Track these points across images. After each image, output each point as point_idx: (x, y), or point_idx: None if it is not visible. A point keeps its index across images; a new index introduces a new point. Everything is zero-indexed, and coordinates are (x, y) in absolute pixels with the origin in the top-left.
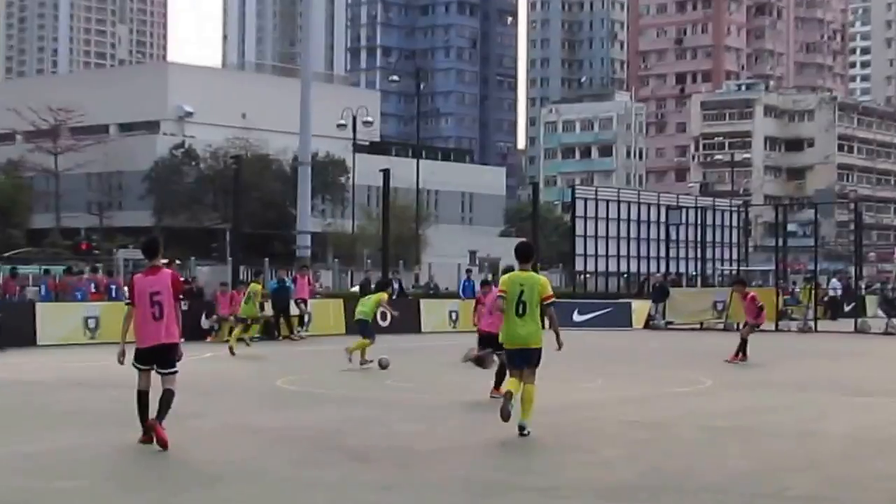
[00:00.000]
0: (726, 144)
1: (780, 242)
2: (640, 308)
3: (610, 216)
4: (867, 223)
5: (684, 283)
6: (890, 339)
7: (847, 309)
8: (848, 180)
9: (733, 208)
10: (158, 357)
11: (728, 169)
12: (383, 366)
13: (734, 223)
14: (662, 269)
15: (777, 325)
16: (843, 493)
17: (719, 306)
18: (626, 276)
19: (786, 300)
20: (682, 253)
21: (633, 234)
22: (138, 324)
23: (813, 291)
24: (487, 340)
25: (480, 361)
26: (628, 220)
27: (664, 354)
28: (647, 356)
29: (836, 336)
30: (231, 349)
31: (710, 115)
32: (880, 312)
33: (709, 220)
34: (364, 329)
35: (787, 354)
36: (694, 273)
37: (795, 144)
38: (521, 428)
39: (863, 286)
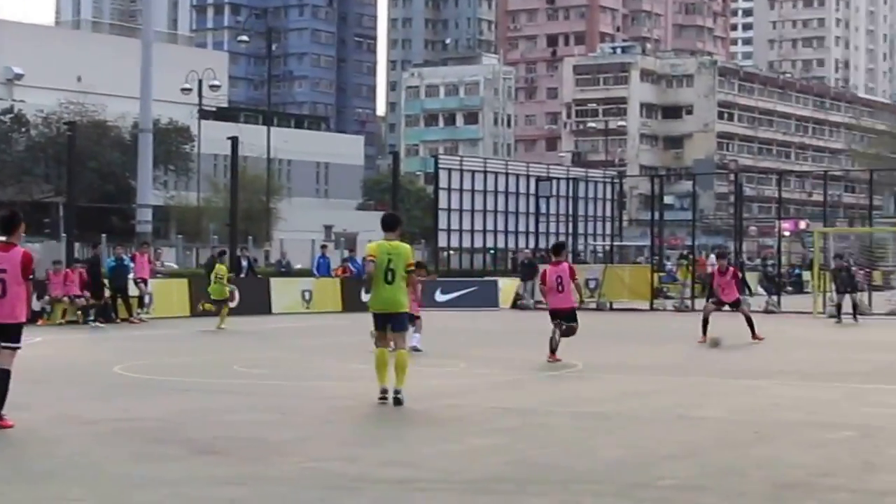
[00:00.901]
0: (600, 111)
1: (657, 216)
2: (508, 287)
3: (476, 188)
4: (748, 195)
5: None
6: (770, 318)
7: None
8: (728, 150)
9: (607, 179)
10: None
11: (602, 137)
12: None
13: (608, 195)
14: (532, 244)
15: (652, 305)
16: (720, 481)
17: (591, 284)
18: (492, 252)
19: (661, 278)
20: (552, 227)
21: (500, 208)
22: None
23: (690, 268)
24: (558, 315)
25: (571, 331)
26: (495, 192)
27: (533, 336)
28: (515, 338)
29: (714, 315)
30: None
31: (584, 79)
32: (761, 290)
33: (581, 193)
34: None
35: (663, 335)
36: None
37: (673, 111)
38: (396, 393)
39: (744, 262)
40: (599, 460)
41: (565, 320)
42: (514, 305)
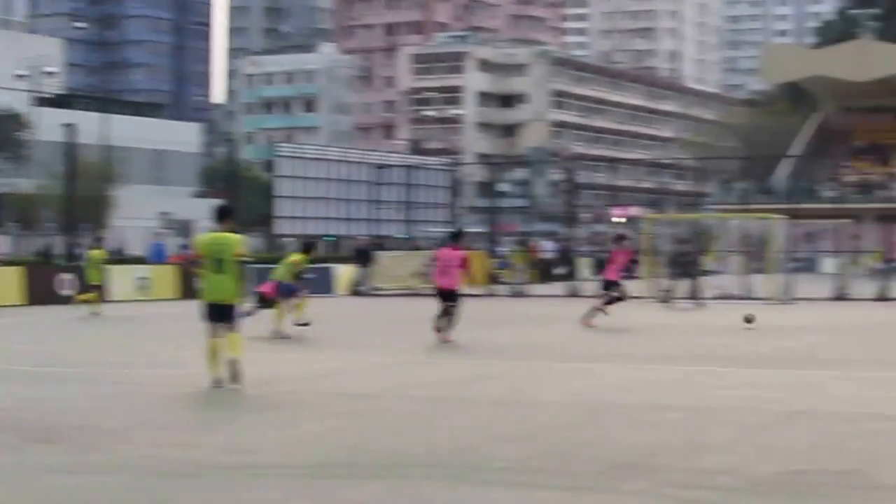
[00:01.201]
0: (437, 99)
1: (492, 203)
2: (345, 273)
3: (313, 175)
4: (581, 183)
5: (392, 247)
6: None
7: (560, 271)
8: (562, 138)
9: (443, 167)
10: None
11: (438, 126)
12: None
13: (444, 183)
14: (369, 231)
15: (488, 290)
16: (554, 462)
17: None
18: (330, 239)
19: (497, 263)
20: (389, 214)
21: (338, 195)
22: None
23: (525, 254)
24: (442, 295)
25: (449, 311)
26: (333, 179)
27: (370, 322)
28: (352, 324)
29: (549, 300)
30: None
31: (421, 68)
32: (592, 275)
33: (418, 180)
34: (288, 290)
35: (498, 320)
36: (402, 235)
37: (508, 100)
38: (218, 382)
39: (577, 248)
40: (435, 444)
41: (446, 300)
42: (353, 292)
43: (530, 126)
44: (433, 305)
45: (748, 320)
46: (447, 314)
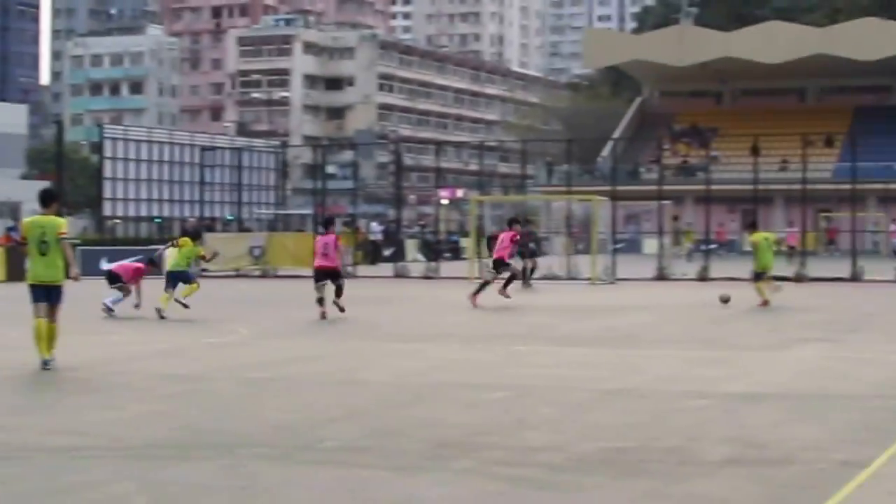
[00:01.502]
0: (264, 82)
1: (319, 185)
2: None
3: (141, 157)
4: (407, 165)
5: (220, 228)
6: (430, 284)
7: (387, 253)
8: (389, 121)
9: (271, 149)
10: None
11: (266, 108)
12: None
13: (272, 165)
14: (197, 213)
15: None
16: (382, 441)
17: (256, 252)
18: (158, 221)
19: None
20: (217, 196)
21: (166, 177)
22: None
23: (352, 235)
24: (324, 275)
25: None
26: (161, 161)
27: (199, 303)
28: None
29: (377, 281)
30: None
31: (248, 51)
32: (420, 256)
33: (245, 162)
34: (184, 277)
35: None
36: (230, 217)
37: (335, 83)
38: (45, 363)
39: (404, 230)
40: (263, 424)
41: (332, 279)
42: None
43: (357, 109)
44: (259, 287)
45: (724, 300)
46: (338, 290)
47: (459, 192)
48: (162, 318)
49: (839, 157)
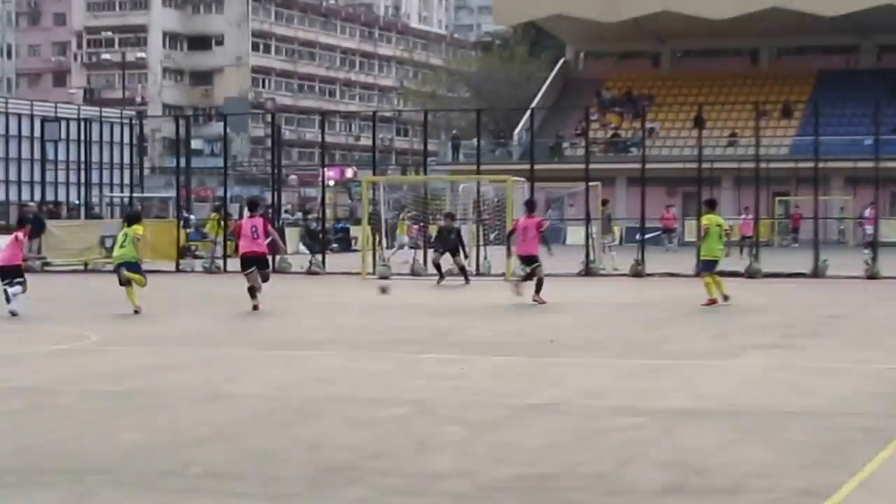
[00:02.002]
0: (116, 41)
1: (183, 163)
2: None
3: None
4: (287, 139)
5: (65, 214)
6: (315, 281)
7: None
8: (265, 86)
9: (125, 120)
10: None
11: (119, 71)
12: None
13: (126, 139)
14: (38, 196)
15: (178, 265)
16: (256, 466)
17: (108, 242)
18: None
19: (189, 234)
20: (62, 177)
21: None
22: None
23: (222, 223)
24: (252, 261)
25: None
26: None
27: (38, 304)
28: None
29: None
30: None
31: (96, 4)
32: (302, 248)
33: (95, 136)
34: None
35: (191, 300)
36: (76, 202)
37: (201, 42)
38: None
39: (283, 216)
40: (118, 446)
41: (258, 266)
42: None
43: (227, 73)
44: (109, 283)
45: (383, 290)
46: (263, 278)
47: (349, 172)
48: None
49: (799, 129)
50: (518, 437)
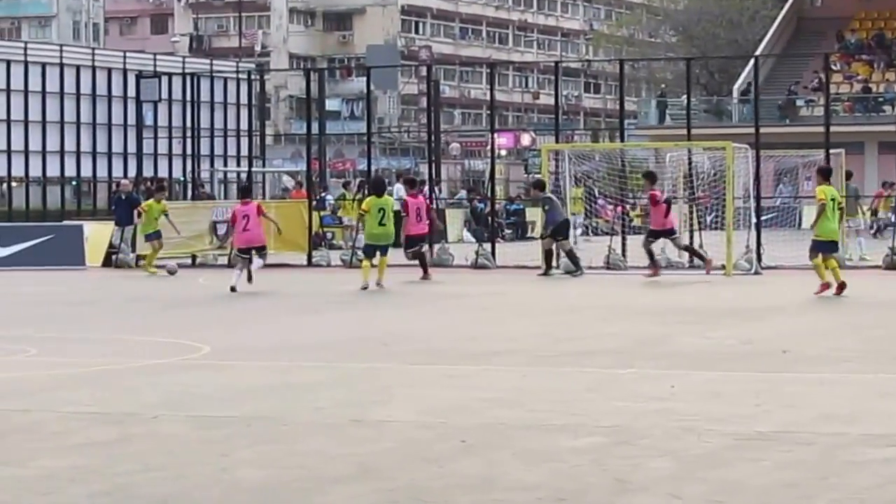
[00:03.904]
0: None
1: (315, 128)
2: (99, 234)
3: (48, 89)
4: (447, 97)
5: (173, 194)
6: (478, 275)
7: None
8: (418, 31)
9: (242, 75)
10: None
11: (234, 14)
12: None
13: (243, 99)
14: (132, 172)
15: (310, 258)
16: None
17: (221, 230)
18: (75, 183)
19: (323, 218)
20: (163, 147)
21: (83, 118)
22: None
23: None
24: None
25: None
26: (77, 94)
27: (135, 306)
28: (109, 310)
29: (398, 271)
30: None
31: None
32: (467, 234)
33: (204, 95)
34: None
35: (322, 303)
36: (181, 178)
37: None
38: None
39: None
40: (235, 486)
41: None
42: (108, 262)
43: (371, 14)
44: (223, 281)
45: (170, 272)
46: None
47: (525, 139)
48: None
49: None
50: (742, 473)
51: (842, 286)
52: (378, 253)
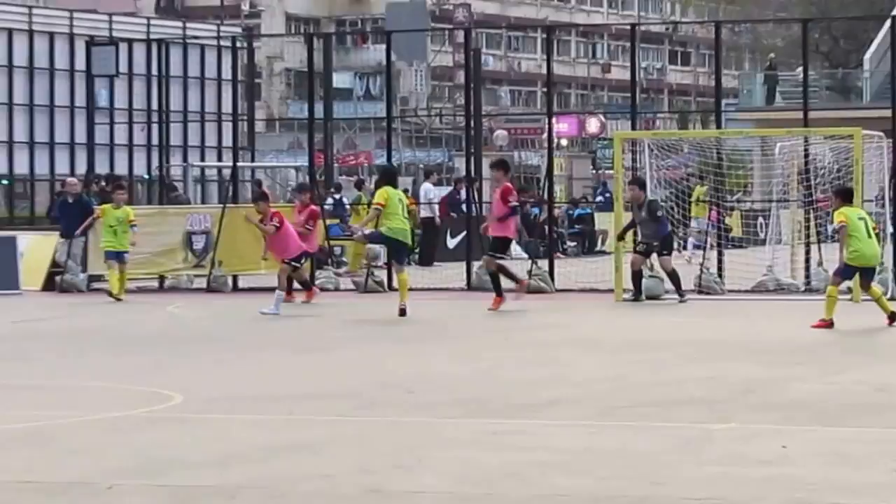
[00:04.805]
0: None
1: (320, 111)
2: (37, 248)
3: None
4: (490, 71)
5: (134, 196)
6: (530, 300)
7: (454, 242)
8: None
9: (224, 42)
10: None
11: None
12: None
13: (226, 73)
14: (82, 168)
15: (312, 280)
16: None
17: (198, 243)
18: (7, 183)
19: (328, 228)
20: (121, 135)
21: (20, 99)
22: None
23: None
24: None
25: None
26: (9, 66)
27: (85, 344)
28: (49, 346)
29: (424, 296)
30: None
31: None
32: (518, 249)
33: (175, 68)
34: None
35: (329, 337)
36: (145, 176)
37: None
38: None
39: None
40: None
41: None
42: (51, 284)
43: None
44: (209, 308)
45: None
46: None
47: (593, 124)
48: None
49: None
50: None
51: (893, 317)
52: (397, 262)
